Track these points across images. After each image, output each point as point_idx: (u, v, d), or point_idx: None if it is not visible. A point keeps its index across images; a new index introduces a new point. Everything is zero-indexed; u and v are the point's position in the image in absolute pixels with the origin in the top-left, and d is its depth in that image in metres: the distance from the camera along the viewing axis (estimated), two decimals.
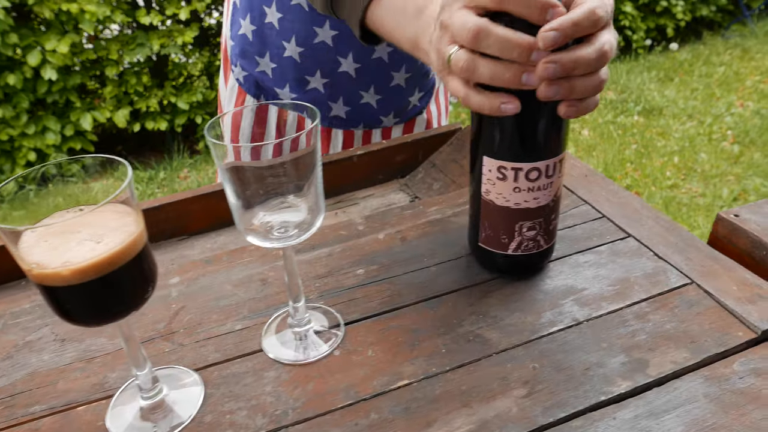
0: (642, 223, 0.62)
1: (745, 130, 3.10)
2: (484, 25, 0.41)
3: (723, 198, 2.53)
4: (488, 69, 0.42)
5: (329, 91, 0.90)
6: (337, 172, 0.84)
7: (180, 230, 0.78)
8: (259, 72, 0.93)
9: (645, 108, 3.51)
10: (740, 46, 4.59)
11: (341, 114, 0.93)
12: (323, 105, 0.92)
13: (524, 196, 0.49)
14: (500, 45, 0.41)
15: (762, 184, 2.59)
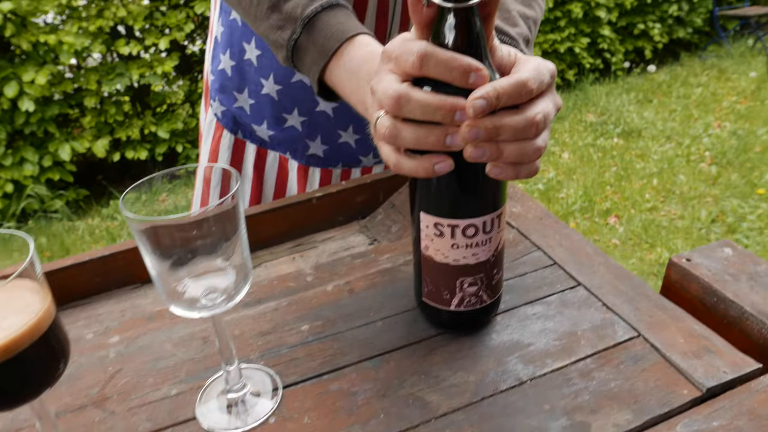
0: (593, 270, 0.61)
1: (722, 151, 3.14)
2: (404, 91, 0.40)
3: (701, 220, 2.55)
4: (411, 134, 0.41)
5: (307, 129, 0.89)
6: (297, 215, 0.83)
7: (133, 278, 0.76)
8: (237, 108, 0.92)
9: (624, 130, 3.55)
10: (717, 67, 4.68)
11: (319, 153, 0.92)
12: (301, 143, 0.91)
13: (463, 253, 0.48)
14: (422, 109, 0.40)
15: (739, 206, 2.62)
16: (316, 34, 0.55)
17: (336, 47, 0.54)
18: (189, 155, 3.27)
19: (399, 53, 0.42)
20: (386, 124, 0.42)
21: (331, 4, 0.56)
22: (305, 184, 0.96)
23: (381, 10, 0.82)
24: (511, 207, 0.73)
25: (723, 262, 0.61)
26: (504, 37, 0.61)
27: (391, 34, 0.85)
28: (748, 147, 3.17)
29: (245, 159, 0.95)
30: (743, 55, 4.93)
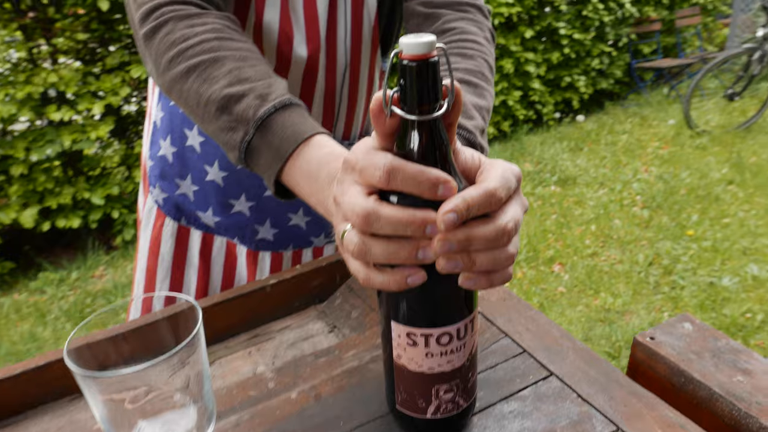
0: (563, 357, 0.60)
1: (651, 195, 3.32)
2: (373, 208, 0.39)
3: (639, 263, 2.65)
4: (382, 250, 0.40)
5: (255, 214, 0.86)
6: (251, 304, 0.79)
7: (71, 388, 0.70)
8: (180, 195, 0.88)
9: (560, 178, 3.70)
10: (638, 114, 5.00)
11: (268, 237, 0.89)
12: (249, 228, 0.88)
13: (437, 361, 0.46)
14: (392, 226, 0.39)
15: (672, 247, 2.75)
16: (271, 135, 0.53)
17: (292, 149, 0.52)
18: (126, 221, 3.14)
19: (364, 166, 0.40)
20: (355, 241, 0.40)
21: (285, 104, 0.55)
22: (255, 269, 0.92)
23: (328, 98, 0.82)
24: None
25: (685, 339, 0.62)
26: (461, 130, 0.61)
27: (337, 121, 0.85)
28: (674, 190, 3.36)
29: (190, 246, 0.91)
30: (660, 103, 5.30)
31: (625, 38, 5.49)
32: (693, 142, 4.19)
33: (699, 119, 4.67)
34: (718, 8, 6.62)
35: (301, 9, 0.74)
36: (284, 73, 0.77)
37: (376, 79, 0.87)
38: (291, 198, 0.58)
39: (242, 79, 0.56)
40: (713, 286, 2.40)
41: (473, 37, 0.73)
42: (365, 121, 0.90)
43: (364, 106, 0.87)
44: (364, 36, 0.79)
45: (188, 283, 0.92)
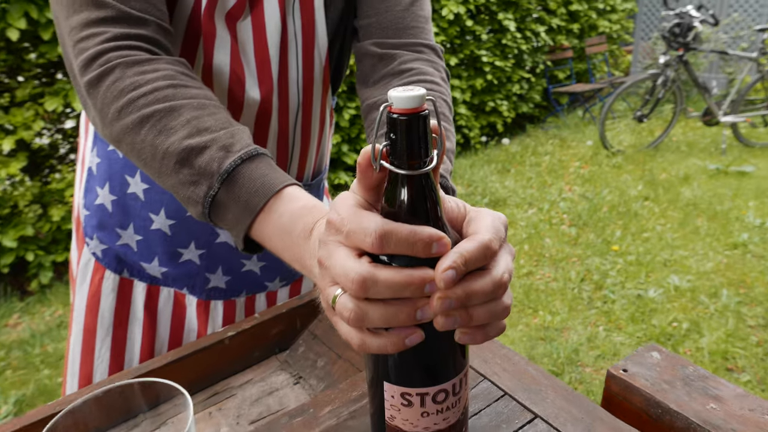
0: (543, 397, 0.60)
1: (577, 213, 3.48)
2: (369, 274, 0.37)
3: (572, 280, 2.75)
4: (380, 314, 0.38)
5: (206, 262, 0.81)
6: (209, 359, 0.74)
7: None
8: (122, 245, 0.81)
9: (491, 199, 3.80)
10: (558, 136, 5.27)
11: (221, 284, 0.84)
12: (199, 277, 0.83)
13: (433, 420, 0.44)
14: (390, 290, 0.37)
15: (601, 263, 2.88)
16: (238, 189, 0.50)
17: (262, 203, 0.49)
18: (42, 263, 2.90)
19: (352, 229, 0.38)
20: (350, 307, 0.38)
21: (251, 154, 0.51)
22: (207, 319, 0.86)
23: (281, 140, 0.79)
24: None
25: (656, 369, 0.63)
26: None
27: (291, 162, 0.82)
28: (597, 208, 3.54)
29: (133, 300, 0.84)
30: (577, 125, 5.62)
31: (541, 65, 5.80)
32: (609, 162, 4.45)
33: (613, 140, 4.98)
34: (621, 37, 7.15)
35: (251, 52, 0.72)
36: (237, 115, 0.74)
37: (327, 117, 0.86)
38: (260, 252, 0.54)
39: (202, 129, 0.52)
40: (641, 298, 2.53)
41: (431, 77, 0.72)
42: (317, 161, 0.88)
43: (317, 146, 0.85)
44: (316, 76, 0.78)
45: (132, 341, 0.85)
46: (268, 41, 0.72)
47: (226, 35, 0.69)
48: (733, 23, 6.53)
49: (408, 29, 0.76)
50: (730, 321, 2.32)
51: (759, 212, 3.37)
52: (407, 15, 0.75)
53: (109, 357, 0.84)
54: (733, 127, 4.72)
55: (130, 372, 0.68)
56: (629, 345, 2.22)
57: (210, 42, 0.69)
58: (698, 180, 3.96)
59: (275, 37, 0.72)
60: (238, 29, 0.70)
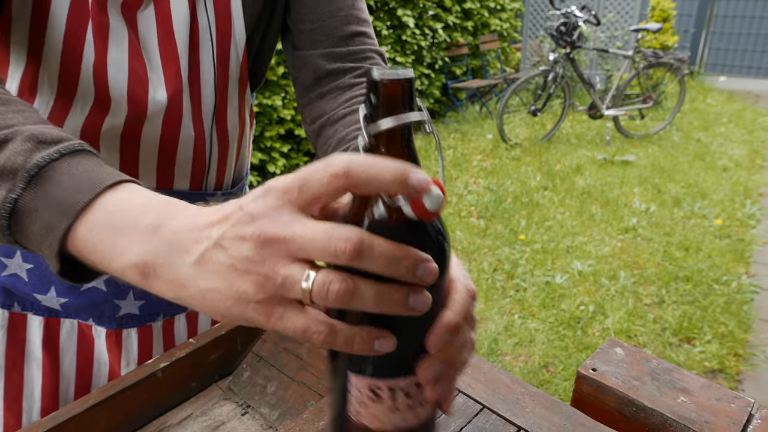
0: (522, 406, 0.57)
1: (484, 206, 3.59)
2: (366, 237, 0.31)
3: (485, 271, 2.83)
4: (373, 290, 0.32)
5: (113, 288, 0.70)
6: (139, 396, 0.64)
7: None
8: (8, 276, 0.69)
9: None
10: (459, 131, 5.42)
11: (133, 311, 0.74)
12: (107, 305, 0.72)
13: (404, 415, 0.39)
14: (385, 260, 0.32)
15: (510, 253, 2.99)
16: (53, 188, 0.37)
17: (87, 199, 0.36)
18: None
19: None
20: (337, 279, 0.31)
21: (73, 149, 0.39)
22: (119, 351, 0.75)
23: (197, 146, 0.70)
24: None
25: (622, 366, 0.63)
26: None
27: (209, 170, 0.73)
28: (501, 199, 3.68)
29: (28, 338, 0.72)
30: (476, 119, 5.82)
31: (440, 61, 5.93)
32: (509, 154, 4.65)
33: (510, 133, 5.21)
34: (511, 35, 7.51)
35: (155, 47, 0.63)
36: (140, 121, 0.64)
37: (247, 117, 0.78)
38: (85, 280, 0.40)
39: (4, 125, 0.40)
40: (549, 284, 2.66)
41: None
42: (238, 166, 0.80)
43: (237, 149, 0.77)
44: (231, 73, 0.70)
45: (30, 384, 0.72)
46: (175, 34, 0.63)
47: (122, 28, 0.60)
48: (608, 23, 7.07)
49: (354, 36, 0.71)
50: (630, 301, 2.49)
51: (643, 198, 3.66)
52: (351, 20, 0.71)
53: (2, 404, 0.71)
54: (614, 119, 5.12)
55: (42, 424, 0.57)
56: (542, 330, 2.31)
57: (102, 35, 0.59)
58: (589, 170, 4.24)
59: (183, 30, 0.63)
60: (138, 21, 0.61)
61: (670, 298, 2.52)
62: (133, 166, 0.66)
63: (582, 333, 2.28)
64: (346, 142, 0.65)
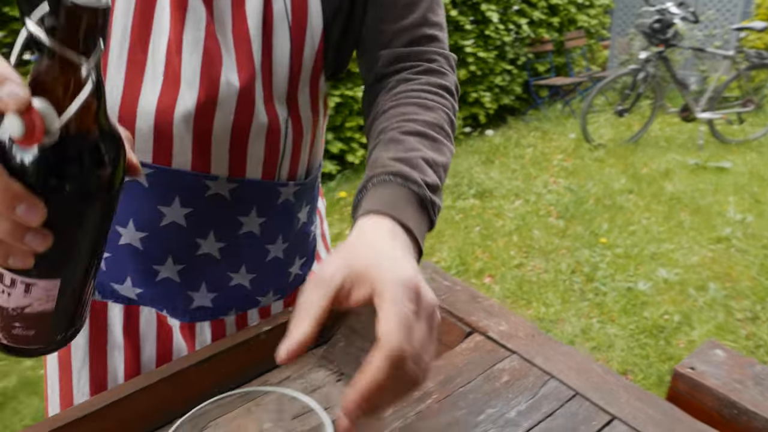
0: (616, 397, 0.57)
1: (564, 206, 3.50)
2: None
3: (563, 272, 2.77)
4: None
5: (187, 279, 0.71)
6: (243, 355, 0.69)
7: None
8: None
9: (478, 191, 3.80)
10: (540, 129, 5.29)
11: (206, 303, 0.74)
12: (180, 297, 0.72)
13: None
14: None
15: (590, 255, 2.90)
16: None
17: None
18: None
19: None
20: None
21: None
22: (194, 343, 0.76)
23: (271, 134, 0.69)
24: (498, 325, 0.67)
25: (722, 367, 0.61)
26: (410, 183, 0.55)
27: (283, 159, 0.72)
28: (583, 200, 3.57)
29: (110, 324, 0.74)
30: (558, 118, 5.66)
31: (523, 57, 5.81)
32: (592, 155, 4.49)
33: (594, 133, 5.03)
34: (599, 32, 7.22)
35: (229, 30, 0.63)
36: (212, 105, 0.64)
37: (321, 107, 0.76)
38: None
39: None
40: (631, 290, 2.56)
41: (435, 89, 0.67)
42: (312, 156, 0.78)
43: (311, 139, 0.75)
44: (305, 62, 0.68)
45: (114, 371, 0.75)
46: (248, 19, 0.63)
47: (200, 7, 0.61)
48: (707, 21, 6.66)
49: (422, 39, 0.70)
50: (719, 314, 2.36)
51: (739, 207, 3.44)
52: (423, 23, 0.69)
53: (89, 391, 0.75)
54: (709, 123, 4.82)
55: (159, 372, 0.62)
56: (622, 337, 2.24)
57: (180, 14, 0.60)
58: (679, 175, 4.03)
59: (256, 14, 0.63)
60: (215, 4, 0.62)
61: (766, 315, 2.37)
62: (205, 153, 0.66)
63: (665, 343, 2.19)
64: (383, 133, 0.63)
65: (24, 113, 0.33)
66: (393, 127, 0.62)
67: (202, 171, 0.66)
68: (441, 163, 0.61)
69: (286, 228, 0.76)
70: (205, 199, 0.67)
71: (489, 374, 0.60)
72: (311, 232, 0.82)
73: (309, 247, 0.83)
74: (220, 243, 0.71)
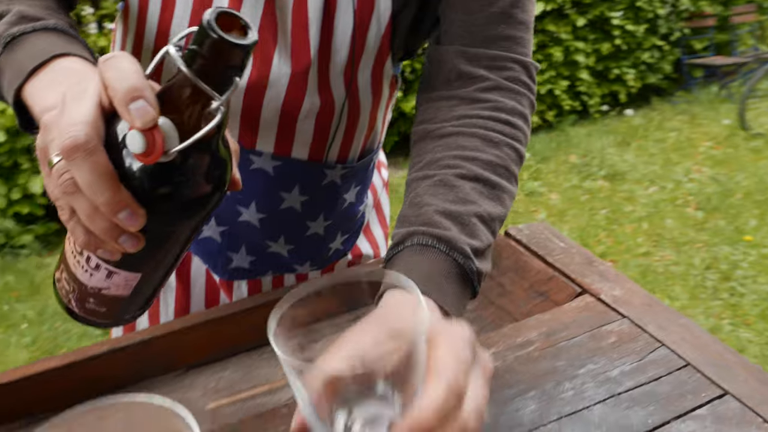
0: (733, 374, 0.54)
1: (706, 197, 3.20)
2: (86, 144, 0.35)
3: (696, 266, 2.56)
4: (86, 205, 0.36)
5: (227, 241, 0.74)
6: None
7: (175, 364, 0.66)
8: None
9: (609, 173, 3.60)
10: (688, 112, 4.84)
11: (244, 264, 0.77)
12: (221, 256, 0.76)
13: None
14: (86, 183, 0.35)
15: (731, 253, 2.65)
16: (20, 52, 0.47)
17: (37, 63, 0.45)
18: None
19: None
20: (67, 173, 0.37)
21: (48, 27, 0.48)
22: (231, 297, 0.80)
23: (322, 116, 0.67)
24: (612, 290, 0.66)
25: None
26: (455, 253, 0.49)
27: (333, 141, 0.70)
28: (730, 193, 3.24)
29: None
30: (711, 102, 5.12)
31: (677, 32, 5.30)
32: (747, 144, 4.04)
33: (754, 121, 4.49)
34: None
35: (289, 11, 0.60)
36: (263, 84, 0.63)
37: (385, 89, 0.71)
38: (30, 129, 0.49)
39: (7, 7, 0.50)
40: None
41: (505, 116, 0.59)
42: (368, 139, 0.74)
43: (369, 122, 0.72)
44: (369, 45, 0.64)
45: (166, 306, 0.81)
46: (309, 1, 0.60)
47: None
48: None
49: (500, 39, 0.61)
50: None
51: None
52: (503, 20, 0.60)
53: (147, 322, 0.81)
54: None
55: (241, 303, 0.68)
56: (758, 343, 2.04)
57: None
58: None
59: None
60: None
61: None
62: (253, 129, 0.66)
63: None
64: (435, 167, 0.56)
65: (147, 130, 0.34)
66: (448, 164, 0.56)
67: (248, 146, 0.66)
68: (497, 216, 0.55)
69: (329, 207, 0.74)
70: (249, 172, 0.68)
71: (595, 333, 0.60)
72: (359, 211, 0.80)
73: (354, 225, 0.81)
74: (260, 214, 0.71)
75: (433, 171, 0.56)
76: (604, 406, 0.51)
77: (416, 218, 0.52)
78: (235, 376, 0.65)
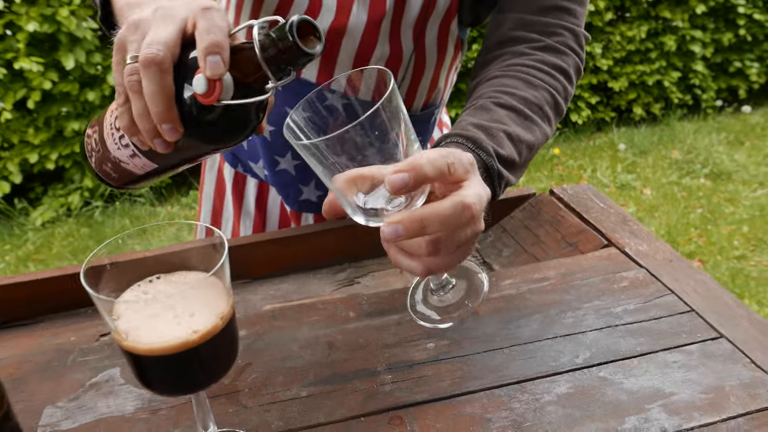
0: (736, 323, 0.57)
1: None
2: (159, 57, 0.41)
3: None
4: (140, 105, 0.43)
5: (300, 174, 0.83)
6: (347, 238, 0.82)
7: (243, 274, 0.78)
8: None
9: (713, 171, 3.38)
10: None
11: (312, 198, 0.85)
12: (293, 188, 0.85)
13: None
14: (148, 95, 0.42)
15: None
16: None
17: None
18: None
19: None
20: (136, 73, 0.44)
21: None
22: None
23: (390, 66, 0.74)
24: (638, 245, 0.70)
25: None
26: (479, 150, 0.56)
27: (400, 88, 0.77)
28: None
29: (246, 194, 0.89)
30: None
31: None
32: None
33: None
34: None
35: None
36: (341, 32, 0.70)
37: (451, 48, 0.79)
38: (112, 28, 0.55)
39: None
40: None
41: (548, 68, 0.66)
42: (432, 93, 0.82)
43: (433, 76, 0.80)
44: (439, 3, 0.72)
45: (246, 230, 0.91)
46: None
47: None
48: None
49: (554, 10, 0.68)
50: None
51: None
52: None
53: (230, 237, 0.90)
54: None
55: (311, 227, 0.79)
56: None
57: None
58: None
59: None
60: None
61: None
62: (329, 71, 0.74)
63: None
64: (477, 98, 0.64)
65: (212, 80, 0.41)
66: (489, 95, 0.63)
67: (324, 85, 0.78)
68: (526, 141, 0.61)
69: None
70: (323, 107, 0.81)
71: (610, 277, 0.64)
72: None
73: None
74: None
75: (475, 101, 0.64)
76: (599, 333, 0.57)
77: (452, 129, 0.60)
78: (290, 288, 0.76)
